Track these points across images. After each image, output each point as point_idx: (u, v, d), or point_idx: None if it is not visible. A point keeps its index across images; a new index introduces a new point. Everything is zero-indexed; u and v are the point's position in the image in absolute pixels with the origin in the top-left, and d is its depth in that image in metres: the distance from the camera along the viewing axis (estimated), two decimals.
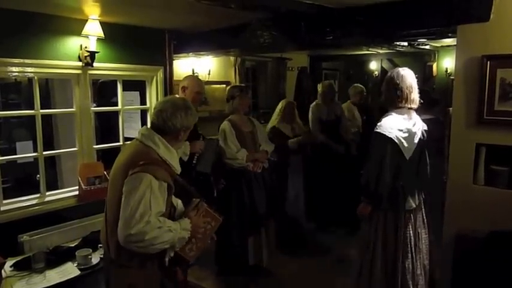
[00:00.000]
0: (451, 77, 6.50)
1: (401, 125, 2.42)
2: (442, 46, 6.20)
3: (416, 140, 2.47)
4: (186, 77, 3.24)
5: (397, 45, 5.25)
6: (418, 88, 2.52)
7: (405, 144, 2.41)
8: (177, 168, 1.90)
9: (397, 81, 2.45)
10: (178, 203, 1.97)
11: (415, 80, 2.50)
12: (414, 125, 2.47)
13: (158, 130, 1.83)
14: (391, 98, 2.49)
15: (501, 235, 2.31)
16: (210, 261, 3.47)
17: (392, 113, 2.47)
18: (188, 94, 3.01)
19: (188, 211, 1.91)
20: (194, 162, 2.92)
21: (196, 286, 3.33)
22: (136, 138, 1.87)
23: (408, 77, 2.47)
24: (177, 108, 1.83)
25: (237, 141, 3.30)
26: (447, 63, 6.78)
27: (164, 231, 1.69)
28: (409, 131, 2.43)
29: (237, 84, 3.52)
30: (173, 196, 1.97)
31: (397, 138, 2.40)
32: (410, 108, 2.49)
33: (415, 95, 2.48)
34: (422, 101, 2.52)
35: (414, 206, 2.49)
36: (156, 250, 1.71)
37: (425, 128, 2.55)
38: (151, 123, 1.88)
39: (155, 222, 1.66)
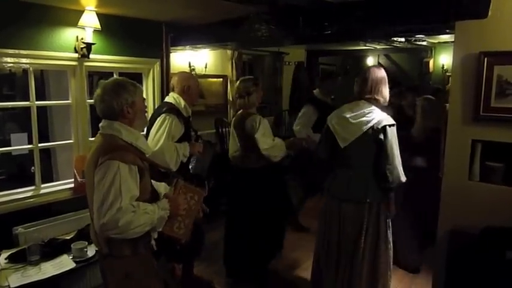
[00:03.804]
0: (447, 73, 6.53)
1: (342, 114, 2.54)
2: (438, 42, 6.22)
3: (357, 132, 2.43)
4: (183, 76, 2.99)
5: (394, 41, 5.26)
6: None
7: (339, 131, 2.52)
8: (146, 149, 1.90)
9: (357, 77, 2.60)
10: (161, 188, 1.99)
11: (373, 76, 2.50)
12: (356, 117, 2.46)
13: (110, 119, 1.82)
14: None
15: (495, 231, 2.33)
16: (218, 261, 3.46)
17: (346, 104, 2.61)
18: (191, 94, 2.93)
19: (168, 192, 1.95)
20: (191, 165, 2.90)
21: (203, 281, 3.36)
22: (99, 133, 1.87)
23: (364, 72, 2.55)
24: (106, 91, 1.80)
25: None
26: (443, 59, 6.80)
27: (139, 215, 1.68)
28: (346, 120, 2.49)
29: (248, 77, 3.32)
30: (155, 182, 2.00)
31: (332, 125, 2.57)
32: (368, 101, 2.50)
33: (365, 90, 2.50)
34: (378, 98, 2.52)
35: (342, 196, 2.49)
36: (136, 234, 1.69)
37: (389, 123, 2.42)
38: (102, 116, 1.86)
39: (128, 208, 1.65)
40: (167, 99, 2.96)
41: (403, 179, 2.45)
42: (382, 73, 2.53)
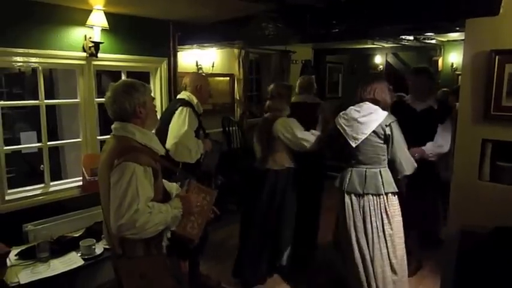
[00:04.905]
0: (457, 72, 6.46)
1: (350, 115, 2.73)
2: (448, 41, 6.15)
3: (366, 131, 2.63)
4: (195, 76, 3.19)
5: (402, 39, 5.21)
6: None
7: (347, 130, 2.69)
8: (159, 150, 1.92)
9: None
10: (173, 189, 2.00)
11: (373, 82, 2.73)
12: (364, 116, 2.65)
13: (122, 120, 1.83)
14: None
15: (506, 231, 2.30)
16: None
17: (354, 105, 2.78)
18: (203, 93, 3.05)
19: (179, 192, 1.97)
20: (201, 161, 2.95)
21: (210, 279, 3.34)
22: (112, 134, 1.88)
23: (365, 80, 2.80)
24: (118, 92, 1.81)
25: None
26: (453, 57, 6.72)
27: (154, 215, 1.71)
28: (354, 120, 2.68)
29: (283, 83, 3.48)
30: (167, 182, 2.01)
31: (339, 123, 2.75)
32: (372, 102, 2.68)
33: (365, 92, 2.71)
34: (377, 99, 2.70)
35: (360, 192, 2.66)
36: (150, 233, 1.72)
37: (392, 120, 2.62)
38: (114, 118, 1.86)
39: (144, 209, 1.68)
40: (180, 96, 3.04)
41: (415, 164, 2.69)
42: (381, 80, 2.78)
